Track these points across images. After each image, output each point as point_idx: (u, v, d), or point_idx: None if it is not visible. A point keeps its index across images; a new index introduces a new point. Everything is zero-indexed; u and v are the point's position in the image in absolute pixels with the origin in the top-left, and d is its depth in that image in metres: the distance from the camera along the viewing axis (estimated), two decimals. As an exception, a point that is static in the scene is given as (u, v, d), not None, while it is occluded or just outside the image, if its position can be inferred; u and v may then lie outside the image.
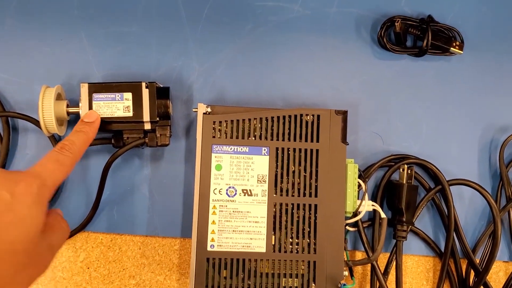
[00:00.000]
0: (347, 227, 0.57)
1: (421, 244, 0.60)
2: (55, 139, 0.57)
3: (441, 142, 0.61)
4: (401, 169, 0.58)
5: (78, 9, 0.60)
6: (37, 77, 0.59)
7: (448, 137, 0.61)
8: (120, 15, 0.60)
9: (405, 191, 0.57)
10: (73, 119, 0.57)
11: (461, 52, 0.61)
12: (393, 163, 0.59)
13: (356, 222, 0.57)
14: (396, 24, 0.59)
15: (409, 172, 0.58)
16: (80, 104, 0.54)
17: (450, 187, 0.58)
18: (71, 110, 0.55)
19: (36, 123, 0.56)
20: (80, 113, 0.54)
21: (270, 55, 0.61)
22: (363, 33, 0.62)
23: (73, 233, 0.57)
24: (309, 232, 0.54)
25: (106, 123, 0.54)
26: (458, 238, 0.59)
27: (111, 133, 0.56)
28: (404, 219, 0.57)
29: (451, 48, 0.60)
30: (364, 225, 0.58)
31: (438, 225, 0.60)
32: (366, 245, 0.57)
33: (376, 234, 0.58)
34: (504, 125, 0.62)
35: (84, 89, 0.54)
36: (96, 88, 0.54)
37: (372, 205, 0.56)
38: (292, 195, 0.54)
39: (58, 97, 0.56)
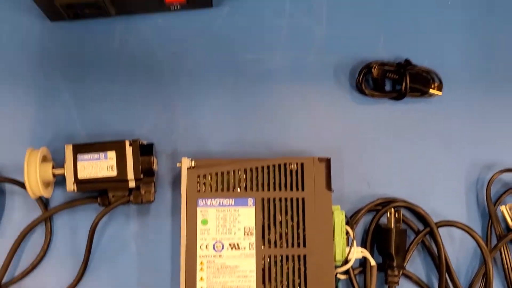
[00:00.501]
0: (338, 275, 0.56)
1: (415, 288, 0.60)
2: (42, 202, 0.58)
3: (427, 182, 0.61)
4: (388, 213, 0.58)
5: (62, 70, 0.61)
6: (22, 139, 0.59)
7: (434, 177, 0.62)
8: (103, 74, 0.61)
9: (393, 235, 0.56)
10: (59, 180, 0.58)
11: (440, 93, 0.62)
12: (380, 207, 0.59)
13: (347, 269, 0.56)
14: (373, 70, 0.60)
15: (396, 215, 0.58)
16: (65, 165, 0.55)
17: (439, 228, 0.58)
18: (57, 171, 0.55)
19: (23, 186, 0.56)
20: (65, 174, 0.54)
21: (252, 105, 0.62)
22: (342, 79, 0.63)
23: (62, 295, 0.56)
24: (300, 283, 0.53)
25: (91, 183, 0.54)
26: (451, 280, 0.58)
27: (96, 192, 0.56)
28: (394, 264, 0.57)
29: (430, 90, 0.61)
30: (355, 272, 0.57)
31: (430, 267, 0.60)
32: (358, 292, 0.56)
33: (368, 281, 0.57)
34: (488, 163, 0.62)
35: (69, 150, 0.55)
36: (80, 148, 0.54)
37: (361, 252, 0.56)
38: (281, 246, 0.54)
39: (44, 159, 0.56)
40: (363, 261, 0.58)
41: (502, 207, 0.60)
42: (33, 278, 0.57)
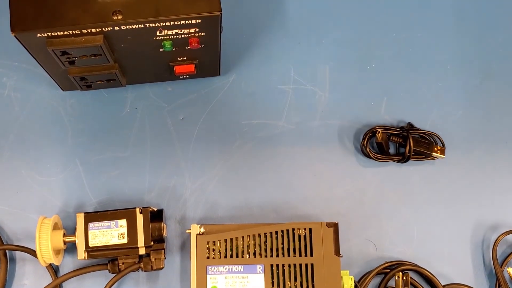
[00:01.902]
0: None
1: None
2: (52, 269, 0.58)
3: (433, 244, 0.62)
4: (396, 277, 0.58)
5: (72, 138, 0.62)
6: (33, 207, 0.60)
7: (440, 238, 0.62)
8: (113, 141, 0.63)
9: (402, 299, 0.57)
10: (70, 247, 0.58)
11: (443, 156, 0.63)
12: (388, 270, 0.59)
13: (357, 334, 0.56)
14: (377, 135, 0.62)
15: (404, 278, 0.58)
16: (76, 233, 0.55)
17: (447, 290, 0.58)
18: (68, 239, 0.56)
19: (33, 253, 0.57)
20: (77, 242, 0.55)
21: (259, 169, 0.63)
22: (346, 143, 0.64)
23: None
24: None
25: (102, 251, 0.55)
26: None
27: (106, 259, 0.56)
28: (404, 329, 0.57)
29: (433, 153, 0.63)
30: (365, 337, 0.57)
31: (439, 331, 0.60)
32: None
33: None
34: (493, 224, 0.63)
35: (80, 219, 0.55)
36: (92, 217, 0.55)
37: (371, 317, 0.56)
38: (290, 313, 0.54)
39: (55, 227, 0.57)
40: (373, 326, 0.58)
41: (509, 269, 0.61)
42: None
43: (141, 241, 0.55)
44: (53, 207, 0.60)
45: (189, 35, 0.52)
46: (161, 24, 0.50)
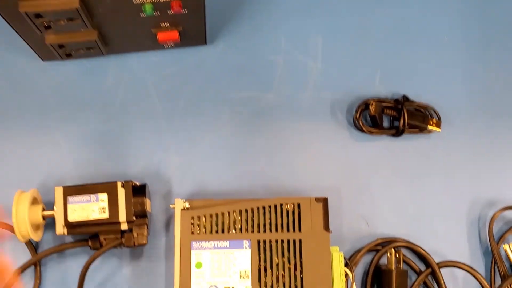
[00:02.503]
0: (338, 319, 0.54)
1: (418, 332, 0.57)
2: (32, 245, 0.56)
3: (427, 221, 0.60)
4: (388, 254, 0.56)
5: (54, 110, 0.60)
6: (12, 181, 0.58)
7: (434, 215, 0.60)
8: (95, 113, 0.60)
9: (394, 277, 0.55)
10: (50, 223, 0.56)
11: (439, 129, 0.61)
12: (380, 247, 0.57)
13: (347, 312, 0.54)
14: (370, 107, 0.59)
15: (397, 256, 0.56)
16: (54, 208, 0.53)
17: (442, 269, 0.57)
18: (47, 214, 0.54)
19: (11, 229, 0.55)
20: (55, 217, 0.53)
21: (247, 144, 0.61)
22: (339, 116, 0.62)
23: None
24: (297, 328, 0.52)
25: (81, 226, 0.53)
26: (455, 323, 0.56)
27: (88, 235, 0.54)
28: (396, 307, 0.55)
29: (429, 126, 0.60)
30: (355, 315, 0.56)
31: (433, 309, 0.58)
32: (359, 337, 0.54)
33: (368, 324, 0.55)
34: (490, 200, 0.61)
35: (59, 193, 0.53)
36: (71, 191, 0.53)
37: (362, 295, 0.54)
38: (277, 290, 0.52)
39: (34, 202, 0.55)
40: (364, 304, 0.56)
41: (505, 246, 0.59)
42: (21, 325, 0.55)
43: (122, 216, 0.53)
44: (33, 182, 0.58)
45: (171, -2, 0.49)
46: (141, -15, 0.47)
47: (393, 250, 0.56)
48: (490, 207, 0.61)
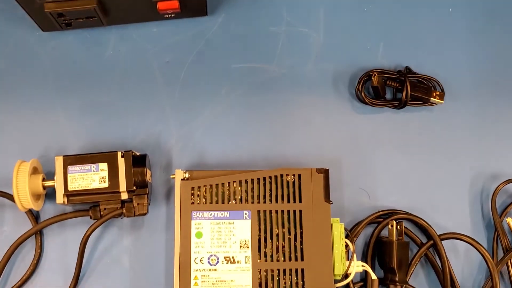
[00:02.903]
0: (339, 290, 0.54)
1: (418, 303, 0.57)
2: (32, 215, 0.56)
3: (429, 193, 0.59)
4: (389, 226, 0.56)
5: (54, 81, 0.60)
6: (14, 152, 0.58)
7: (437, 188, 0.60)
8: (96, 84, 0.60)
9: (395, 249, 0.54)
10: (51, 193, 0.56)
11: (442, 101, 0.60)
12: (382, 219, 0.57)
13: (347, 284, 0.54)
14: (372, 78, 0.58)
15: (398, 228, 0.56)
16: (55, 177, 0.53)
17: (443, 241, 0.56)
18: (47, 183, 0.54)
19: (12, 198, 0.55)
20: (56, 186, 0.53)
21: (248, 115, 0.60)
22: (341, 88, 0.61)
23: (52, 312, 0.55)
24: (297, 298, 0.52)
25: (81, 195, 0.53)
26: (456, 295, 0.56)
27: (88, 204, 0.54)
28: (396, 279, 0.54)
29: (432, 98, 0.60)
30: (356, 287, 0.55)
31: (433, 281, 0.57)
32: (359, 308, 0.54)
33: (368, 295, 0.55)
34: (493, 173, 0.60)
35: (59, 162, 0.53)
36: (71, 160, 0.53)
37: (362, 266, 0.54)
38: (277, 260, 0.52)
39: (34, 171, 0.55)
40: (364, 276, 0.56)
41: (508, 219, 0.58)
42: (23, 294, 0.55)
43: (123, 186, 0.53)
44: (34, 152, 0.58)
45: (170, -35, 0.49)
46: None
47: (394, 222, 0.56)
48: (493, 180, 0.60)
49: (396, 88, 0.60)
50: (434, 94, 0.60)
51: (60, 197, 0.53)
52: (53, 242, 0.56)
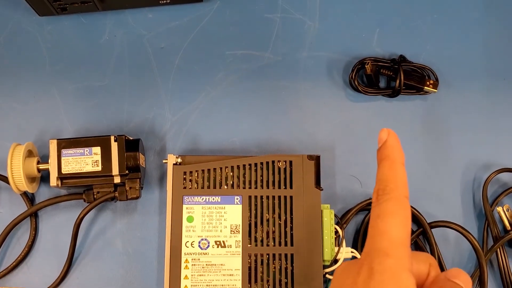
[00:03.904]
0: (328, 276, 0.55)
1: (407, 290, 0.58)
2: (27, 197, 0.57)
3: (421, 182, 0.60)
4: (380, 213, 0.56)
5: (50, 65, 0.60)
6: (9, 135, 0.59)
7: (429, 177, 0.60)
8: (91, 69, 0.60)
9: (385, 235, 0.55)
10: (47, 177, 0.57)
11: (436, 90, 0.60)
12: (372, 207, 0.57)
13: (337, 269, 0.55)
14: (366, 66, 0.58)
15: (388, 215, 0.56)
16: (49, 160, 0.54)
17: (434, 229, 0.57)
18: (41, 166, 0.55)
19: (7, 180, 0.55)
20: (50, 169, 0.54)
21: (242, 102, 0.60)
22: (335, 76, 0.61)
23: (46, 293, 0.56)
24: (286, 283, 0.52)
25: (75, 178, 0.53)
26: (444, 283, 0.56)
27: (82, 188, 0.55)
28: (386, 265, 0.55)
29: (425, 87, 0.60)
30: (346, 273, 0.56)
31: (423, 269, 0.58)
32: (347, 294, 0.55)
33: (357, 281, 0.55)
34: (486, 163, 0.61)
35: (53, 145, 0.54)
36: (65, 143, 0.54)
37: (352, 252, 0.54)
38: (267, 245, 0.53)
39: (29, 154, 0.55)
40: (354, 262, 0.57)
41: (499, 208, 0.58)
42: (17, 274, 0.56)
43: (115, 169, 0.53)
44: (29, 136, 0.58)
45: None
46: None
47: (384, 209, 0.56)
48: (486, 169, 0.60)
49: (389, 77, 0.61)
50: (427, 83, 0.60)
51: (53, 180, 0.53)
52: (48, 224, 0.57)
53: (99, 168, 0.53)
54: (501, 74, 0.62)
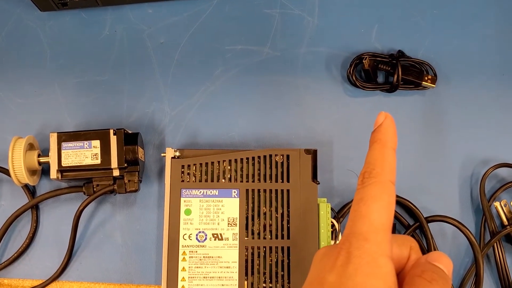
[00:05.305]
0: (324, 269, 0.55)
1: (404, 284, 0.58)
2: (29, 189, 0.58)
3: (419, 177, 0.60)
4: (376, 207, 0.56)
5: (51, 60, 0.61)
6: (11, 129, 0.59)
7: (427, 172, 0.60)
8: (92, 64, 0.61)
9: (381, 229, 0.55)
10: (46, 169, 0.58)
11: (434, 85, 0.60)
12: (369, 201, 0.58)
13: (334, 263, 0.55)
14: (364, 61, 0.59)
15: (385, 209, 0.56)
16: (49, 153, 0.55)
17: (431, 223, 0.57)
18: (42, 159, 0.55)
19: (8, 173, 0.56)
20: (50, 162, 0.54)
21: (241, 97, 0.61)
22: (333, 71, 0.62)
23: (46, 283, 0.56)
24: (283, 275, 0.53)
25: (74, 171, 0.54)
26: (441, 277, 0.57)
27: (82, 181, 0.56)
28: (382, 259, 0.55)
29: (423, 82, 0.60)
30: (342, 266, 0.56)
31: (420, 263, 0.58)
32: (344, 287, 0.55)
33: (354, 275, 0.56)
34: (484, 158, 0.61)
35: (53, 139, 0.55)
36: (65, 137, 0.54)
37: (348, 245, 0.55)
38: (264, 238, 0.53)
39: (31, 147, 0.56)
40: (351, 256, 0.57)
41: (496, 203, 0.58)
42: (18, 265, 0.57)
43: (114, 163, 0.54)
44: (30, 129, 0.59)
45: None
46: None
47: (381, 203, 0.56)
48: (484, 165, 0.60)
49: (388, 72, 0.61)
50: (426, 78, 0.60)
51: (54, 173, 0.54)
52: (48, 216, 0.58)
53: (98, 161, 0.54)
54: (500, 69, 0.62)
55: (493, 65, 0.62)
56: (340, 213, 0.57)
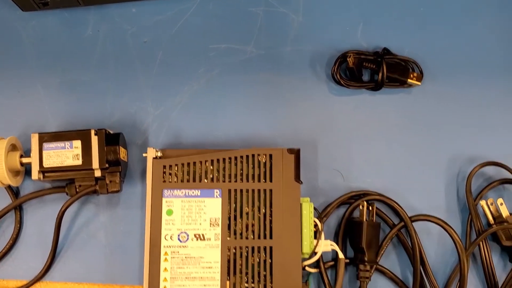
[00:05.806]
0: (308, 268, 0.55)
1: (389, 284, 0.58)
2: (12, 190, 0.58)
3: (406, 176, 0.60)
4: (360, 206, 0.56)
5: (34, 60, 0.61)
6: (-7, 129, 0.59)
7: (413, 170, 0.60)
8: (75, 64, 0.61)
9: (365, 229, 0.55)
10: (29, 169, 0.57)
11: (419, 83, 0.60)
12: (354, 200, 0.57)
13: (318, 262, 0.55)
14: (348, 59, 0.58)
15: (370, 209, 0.56)
16: (31, 154, 0.55)
17: (416, 222, 0.56)
18: (24, 160, 0.55)
19: (-9, 174, 0.56)
20: (32, 163, 0.54)
21: (225, 96, 0.61)
22: (318, 70, 0.61)
23: (30, 284, 0.56)
24: (265, 275, 0.52)
25: (56, 172, 0.54)
26: (426, 276, 0.56)
27: (65, 181, 0.56)
28: (366, 259, 0.55)
29: (409, 80, 0.59)
30: (327, 266, 0.56)
31: (405, 262, 0.58)
32: (327, 286, 0.55)
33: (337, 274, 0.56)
34: (470, 156, 0.60)
35: (35, 139, 0.54)
36: (46, 137, 0.54)
37: (331, 245, 0.54)
38: (246, 238, 0.53)
39: (13, 148, 0.56)
40: (335, 255, 0.57)
41: (482, 202, 0.58)
42: (2, 266, 0.57)
43: (95, 163, 0.54)
44: (13, 130, 0.59)
45: None
46: None
47: (365, 202, 0.56)
48: (470, 163, 0.60)
49: (373, 70, 0.60)
50: (411, 75, 0.59)
51: (35, 174, 0.54)
52: (32, 217, 0.58)
53: (79, 162, 0.54)
54: (487, 67, 0.62)
55: (480, 62, 0.62)
56: (323, 212, 0.57)
